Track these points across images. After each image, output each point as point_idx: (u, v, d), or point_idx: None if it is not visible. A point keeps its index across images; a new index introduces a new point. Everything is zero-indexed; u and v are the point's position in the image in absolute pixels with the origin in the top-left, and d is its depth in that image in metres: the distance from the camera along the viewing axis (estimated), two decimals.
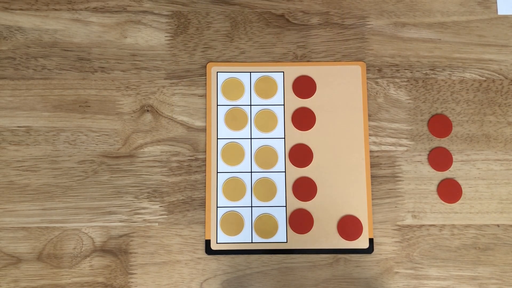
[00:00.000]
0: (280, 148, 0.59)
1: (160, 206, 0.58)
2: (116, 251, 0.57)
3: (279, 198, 0.58)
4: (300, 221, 0.57)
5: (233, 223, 0.57)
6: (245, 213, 0.57)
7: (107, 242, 0.57)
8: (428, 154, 0.59)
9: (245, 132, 0.59)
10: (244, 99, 0.60)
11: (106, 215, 0.58)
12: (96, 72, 0.60)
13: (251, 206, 0.58)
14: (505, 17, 0.62)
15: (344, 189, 0.58)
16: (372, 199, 0.58)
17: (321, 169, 0.58)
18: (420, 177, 0.59)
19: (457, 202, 0.58)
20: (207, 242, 0.57)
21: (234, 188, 0.58)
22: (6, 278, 0.56)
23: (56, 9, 0.61)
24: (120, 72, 0.60)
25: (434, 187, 0.58)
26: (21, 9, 0.61)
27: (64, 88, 0.60)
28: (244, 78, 0.60)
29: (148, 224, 0.57)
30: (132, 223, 0.57)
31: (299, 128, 0.59)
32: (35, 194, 0.58)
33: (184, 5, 0.62)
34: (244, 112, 0.59)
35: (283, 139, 0.59)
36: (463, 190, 0.58)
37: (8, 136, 0.59)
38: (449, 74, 0.60)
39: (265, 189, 0.58)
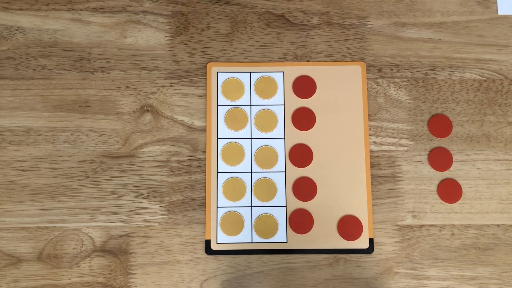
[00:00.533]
0: (280, 148, 0.59)
1: (160, 206, 0.58)
2: (116, 251, 0.57)
3: (279, 198, 0.58)
4: (300, 221, 0.57)
5: (233, 223, 0.57)
6: (245, 213, 0.57)
7: (107, 242, 0.57)
8: (428, 154, 0.59)
9: (245, 132, 0.59)
10: (244, 99, 0.60)
11: (106, 215, 0.58)
12: (96, 72, 0.60)
13: (251, 206, 0.58)
14: (505, 17, 0.62)
15: (344, 189, 0.58)
16: (372, 199, 0.58)
17: (321, 169, 0.58)
18: (420, 177, 0.59)
19: (457, 202, 0.58)
20: (207, 242, 0.57)
21: (234, 188, 0.58)
22: (6, 278, 0.56)
23: (56, 9, 0.61)
24: (120, 72, 0.60)
25: (434, 187, 0.58)
26: (21, 9, 0.61)
27: (64, 88, 0.60)
28: (244, 78, 0.60)
29: (148, 224, 0.57)
30: (132, 223, 0.57)
31: (299, 128, 0.59)
32: (35, 194, 0.58)
33: (184, 5, 0.62)
34: (244, 112, 0.59)
35: (283, 139, 0.59)
36: (463, 190, 0.58)
37: (8, 136, 0.59)
38: (449, 74, 0.60)
39: (265, 189, 0.58)
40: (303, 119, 0.59)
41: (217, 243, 0.57)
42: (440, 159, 0.59)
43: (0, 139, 0.59)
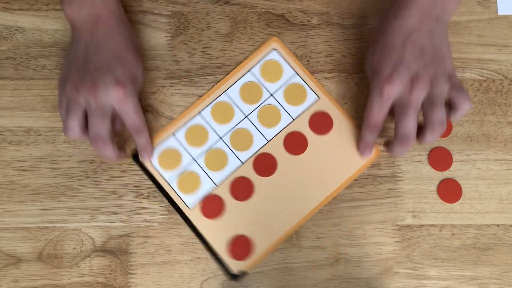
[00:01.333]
0: (258, 143, 0.58)
1: (160, 206, 0.58)
2: (116, 251, 0.57)
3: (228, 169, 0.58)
4: (213, 208, 0.57)
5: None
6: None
7: (107, 242, 0.57)
8: (428, 154, 0.59)
9: (249, 108, 0.59)
10: (270, 86, 0.59)
11: (106, 215, 0.58)
12: None
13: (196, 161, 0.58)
14: (505, 17, 0.62)
15: (277, 214, 0.57)
16: (373, 199, 0.58)
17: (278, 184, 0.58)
18: (420, 177, 0.59)
19: (457, 202, 0.58)
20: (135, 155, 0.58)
21: (198, 134, 0.58)
22: (6, 278, 0.56)
23: (56, 9, 0.61)
24: None
25: (434, 187, 0.58)
26: (21, 9, 0.61)
27: None
28: (287, 69, 0.60)
29: (148, 224, 0.57)
30: (132, 223, 0.57)
31: (290, 152, 0.58)
32: (35, 194, 0.58)
33: (184, 5, 0.62)
34: (262, 92, 0.59)
35: (270, 140, 0.59)
36: (463, 190, 0.58)
37: (8, 136, 0.59)
38: None
39: (217, 160, 0.58)
40: (299, 138, 0.58)
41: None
42: (440, 159, 0.59)
43: (0, 139, 0.59)
